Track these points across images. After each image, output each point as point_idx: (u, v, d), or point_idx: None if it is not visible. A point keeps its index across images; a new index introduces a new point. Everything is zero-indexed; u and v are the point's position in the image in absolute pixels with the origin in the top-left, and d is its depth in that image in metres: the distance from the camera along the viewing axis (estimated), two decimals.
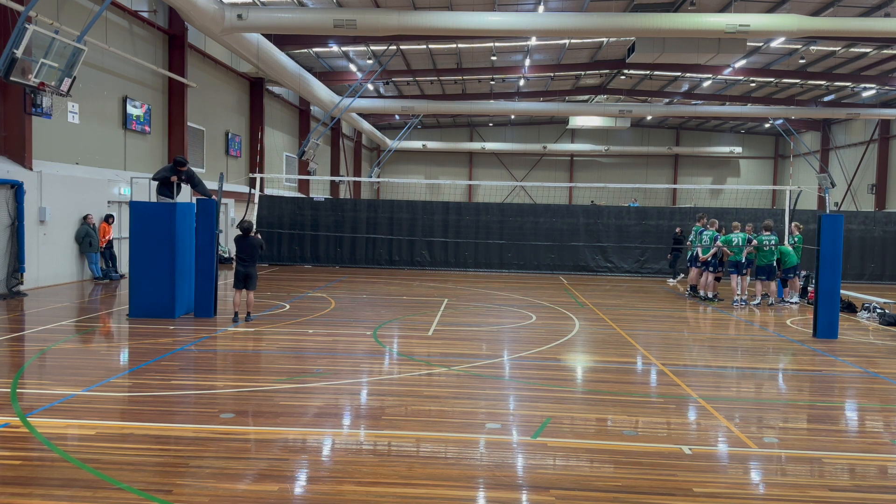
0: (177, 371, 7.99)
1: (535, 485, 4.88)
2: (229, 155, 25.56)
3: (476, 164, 49.03)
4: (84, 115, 16.66)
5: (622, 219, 22.03)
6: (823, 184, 21.68)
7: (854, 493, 4.87)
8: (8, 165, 13.96)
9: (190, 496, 4.56)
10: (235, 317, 11.34)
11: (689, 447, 5.69)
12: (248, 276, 11.40)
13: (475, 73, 31.24)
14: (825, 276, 11.11)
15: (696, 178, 47.59)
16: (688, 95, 35.49)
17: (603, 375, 8.41)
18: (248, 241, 11.45)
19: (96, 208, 16.82)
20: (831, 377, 8.65)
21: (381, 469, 5.10)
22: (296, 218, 22.51)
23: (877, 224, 21.30)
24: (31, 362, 8.25)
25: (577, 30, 19.01)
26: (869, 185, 35.26)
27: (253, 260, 11.49)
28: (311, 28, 18.24)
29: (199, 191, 12.20)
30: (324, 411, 6.54)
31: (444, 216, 22.40)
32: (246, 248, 11.47)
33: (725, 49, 20.08)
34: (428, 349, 9.60)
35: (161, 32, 19.92)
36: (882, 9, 20.44)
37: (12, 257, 13.81)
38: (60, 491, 4.59)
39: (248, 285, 11.44)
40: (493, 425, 6.20)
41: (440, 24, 18.12)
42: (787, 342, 10.89)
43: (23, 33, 9.98)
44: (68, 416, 6.20)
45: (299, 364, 8.55)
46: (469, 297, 15.64)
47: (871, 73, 28.72)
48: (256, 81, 27.40)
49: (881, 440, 6.15)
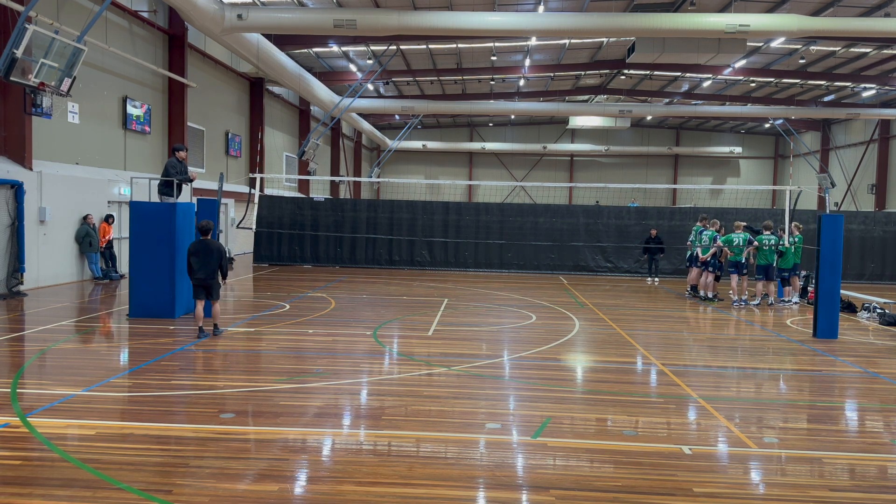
0: (177, 371, 7.99)
1: (535, 485, 4.88)
2: (229, 155, 25.56)
3: (476, 164, 49.03)
4: (84, 115, 16.66)
5: (622, 219, 22.03)
6: (823, 184, 21.64)
7: (854, 493, 4.87)
8: (8, 165, 13.96)
9: (190, 496, 4.56)
10: (200, 331, 9.90)
11: (689, 447, 5.69)
12: (207, 287, 9.89)
13: (475, 73, 31.24)
14: (825, 276, 11.11)
15: (696, 178, 47.59)
16: (688, 95, 35.50)
17: (603, 375, 8.40)
18: (206, 245, 9.81)
19: (96, 208, 16.81)
20: (831, 377, 8.65)
21: (381, 469, 5.10)
22: (296, 218, 22.50)
23: (877, 224, 21.31)
24: (31, 362, 8.25)
25: (577, 30, 19.01)
26: (869, 185, 35.26)
27: (211, 269, 9.80)
28: (311, 28, 18.25)
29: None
30: (324, 411, 6.54)
31: (444, 216, 22.40)
32: (202, 253, 9.80)
33: (725, 49, 20.08)
34: (428, 349, 9.60)
35: (161, 32, 19.92)
36: (882, 9, 20.44)
37: (12, 257, 13.81)
38: (60, 491, 4.59)
39: (209, 295, 9.97)
40: (493, 425, 6.20)
41: (440, 24, 18.12)
42: (786, 342, 10.88)
43: (23, 33, 9.98)
44: (68, 416, 6.20)
45: (299, 364, 8.55)
46: (469, 297, 15.64)
47: (871, 73, 28.72)
48: (256, 81, 27.41)
49: (881, 440, 6.15)
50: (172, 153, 12.21)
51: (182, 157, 12.10)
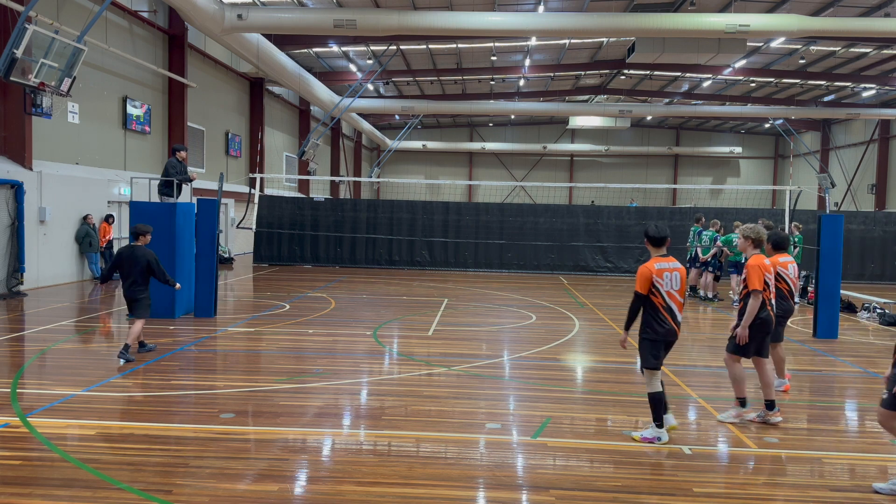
0: (177, 371, 7.99)
1: (535, 485, 4.88)
2: (229, 155, 25.56)
3: (476, 164, 49.03)
4: (84, 115, 16.66)
5: (622, 219, 22.03)
6: (823, 184, 21.68)
7: (854, 493, 4.87)
8: (8, 165, 13.96)
9: (190, 496, 4.56)
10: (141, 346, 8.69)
11: (688, 447, 5.69)
12: (132, 300, 8.50)
13: (475, 73, 31.24)
14: (825, 276, 11.11)
15: (696, 178, 47.58)
16: (688, 95, 35.49)
17: (603, 375, 8.40)
18: (132, 253, 8.46)
19: (96, 208, 16.81)
20: (831, 377, 8.65)
21: (381, 469, 5.10)
22: (296, 218, 22.49)
23: (877, 224, 21.30)
24: (31, 362, 8.24)
25: (577, 30, 19.01)
26: (869, 185, 35.25)
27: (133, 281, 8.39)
28: (311, 28, 18.25)
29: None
30: (324, 411, 6.54)
31: (444, 216, 22.39)
32: (126, 262, 8.44)
33: (725, 49, 20.09)
34: (428, 349, 9.60)
35: (161, 32, 19.92)
36: (882, 9, 20.44)
37: (12, 257, 13.81)
38: (60, 491, 4.59)
39: (131, 310, 8.60)
40: (493, 425, 6.20)
41: (440, 24, 18.12)
42: (786, 342, 10.86)
43: (23, 33, 9.98)
44: (68, 416, 6.20)
45: (299, 364, 8.55)
46: (469, 297, 15.63)
47: (871, 73, 28.71)
48: (256, 81, 27.41)
49: (881, 440, 6.15)
50: (172, 153, 12.23)
51: (182, 157, 12.12)
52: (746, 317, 6.22)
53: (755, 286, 6.20)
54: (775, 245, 7.48)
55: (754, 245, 6.48)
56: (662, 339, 5.84)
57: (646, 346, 5.88)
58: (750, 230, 6.51)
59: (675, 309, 5.82)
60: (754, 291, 6.21)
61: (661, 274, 5.75)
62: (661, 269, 5.76)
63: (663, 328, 5.80)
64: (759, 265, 6.30)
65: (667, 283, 5.77)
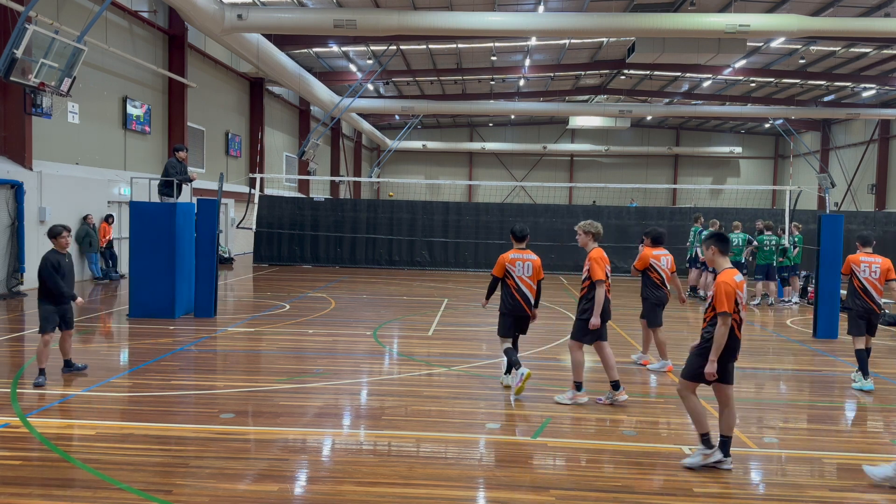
0: (177, 371, 7.99)
1: (535, 485, 4.88)
2: (229, 155, 25.56)
3: (476, 164, 49.02)
4: (84, 115, 16.66)
5: (622, 219, 22.02)
6: (823, 184, 21.68)
7: (854, 493, 4.87)
8: (8, 165, 13.96)
9: (190, 496, 4.56)
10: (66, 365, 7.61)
11: (688, 447, 5.68)
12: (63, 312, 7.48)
13: (475, 73, 31.23)
14: (825, 276, 11.11)
15: (696, 178, 47.56)
16: (688, 95, 35.49)
17: (603, 375, 8.37)
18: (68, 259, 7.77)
19: (96, 208, 16.81)
20: (831, 377, 8.65)
21: (381, 469, 5.10)
22: (296, 218, 22.49)
23: (877, 224, 21.30)
24: (32, 362, 8.24)
25: (577, 30, 19.01)
26: (869, 185, 35.24)
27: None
28: (311, 28, 18.25)
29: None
30: (324, 411, 6.54)
31: (444, 216, 22.39)
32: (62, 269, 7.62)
33: (725, 49, 20.08)
34: (428, 349, 9.60)
35: (161, 32, 19.91)
36: (882, 9, 20.43)
37: (12, 257, 13.81)
38: (60, 491, 4.59)
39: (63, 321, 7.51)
40: (493, 425, 6.20)
41: (440, 24, 18.12)
42: (786, 342, 10.88)
43: (23, 33, 9.98)
44: (68, 416, 6.20)
45: (299, 364, 8.55)
46: (469, 297, 15.63)
47: (871, 73, 28.71)
48: (256, 81, 27.40)
49: (881, 440, 6.15)
50: (172, 153, 12.23)
51: (182, 157, 12.12)
52: (597, 306, 6.89)
53: (599, 276, 6.91)
54: (654, 240, 8.81)
55: (594, 239, 7.20)
56: (511, 314, 7.30)
57: (500, 318, 7.43)
58: (589, 225, 7.25)
59: (525, 291, 7.28)
60: (598, 281, 6.90)
61: (514, 262, 7.28)
62: (514, 259, 7.28)
63: (512, 304, 7.28)
64: (601, 257, 7.05)
65: (518, 269, 7.28)
